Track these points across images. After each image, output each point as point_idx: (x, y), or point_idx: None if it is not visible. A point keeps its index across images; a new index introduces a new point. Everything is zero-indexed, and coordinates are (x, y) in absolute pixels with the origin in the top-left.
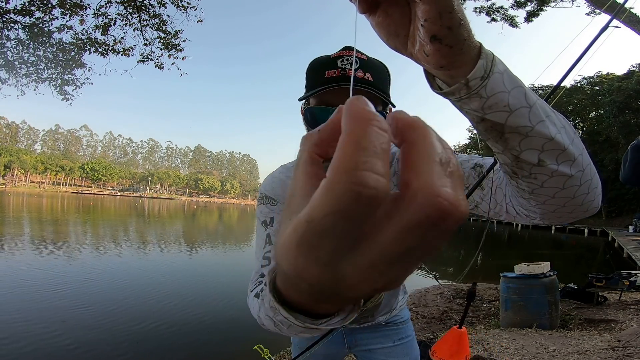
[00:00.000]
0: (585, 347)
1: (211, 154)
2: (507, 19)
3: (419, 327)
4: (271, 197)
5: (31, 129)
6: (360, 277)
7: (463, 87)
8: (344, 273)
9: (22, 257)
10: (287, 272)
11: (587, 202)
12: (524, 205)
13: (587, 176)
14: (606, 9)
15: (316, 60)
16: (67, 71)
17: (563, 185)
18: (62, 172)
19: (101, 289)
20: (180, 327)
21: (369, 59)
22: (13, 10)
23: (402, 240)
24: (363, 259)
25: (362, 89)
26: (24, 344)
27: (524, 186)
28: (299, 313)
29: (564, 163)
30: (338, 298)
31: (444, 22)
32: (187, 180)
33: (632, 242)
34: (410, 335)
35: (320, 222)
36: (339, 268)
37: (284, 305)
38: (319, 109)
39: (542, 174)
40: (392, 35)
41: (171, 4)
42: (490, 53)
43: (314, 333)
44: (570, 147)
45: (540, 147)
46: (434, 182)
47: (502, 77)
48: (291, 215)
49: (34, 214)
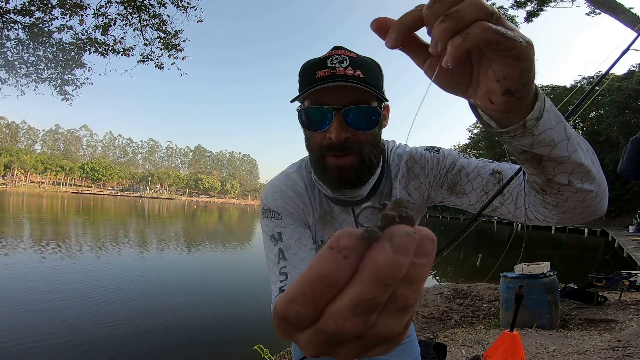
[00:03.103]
0: (585, 347)
1: (211, 154)
2: (507, 19)
3: (419, 326)
4: (274, 210)
5: (31, 129)
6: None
7: (519, 127)
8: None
9: (21, 258)
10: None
11: (599, 208)
12: (544, 213)
13: (602, 188)
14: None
15: (307, 63)
16: (67, 71)
17: (584, 198)
18: (62, 172)
19: (101, 289)
20: (181, 327)
21: (358, 56)
22: (13, 10)
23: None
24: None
25: (354, 85)
26: (24, 344)
27: (549, 200)
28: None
29: (587, 182)
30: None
31: (522, 79)
32: (187, 180)
33: (632, 242)
34: (411, 334)
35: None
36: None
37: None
38: (312, 109)
39: (569, 191)
40: (453, 84)
41: (171, 4)
42: (542, 93)
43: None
44: (593, 168)
45: (571, 170)
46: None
47: (549, 114)
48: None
49: (34, 214)
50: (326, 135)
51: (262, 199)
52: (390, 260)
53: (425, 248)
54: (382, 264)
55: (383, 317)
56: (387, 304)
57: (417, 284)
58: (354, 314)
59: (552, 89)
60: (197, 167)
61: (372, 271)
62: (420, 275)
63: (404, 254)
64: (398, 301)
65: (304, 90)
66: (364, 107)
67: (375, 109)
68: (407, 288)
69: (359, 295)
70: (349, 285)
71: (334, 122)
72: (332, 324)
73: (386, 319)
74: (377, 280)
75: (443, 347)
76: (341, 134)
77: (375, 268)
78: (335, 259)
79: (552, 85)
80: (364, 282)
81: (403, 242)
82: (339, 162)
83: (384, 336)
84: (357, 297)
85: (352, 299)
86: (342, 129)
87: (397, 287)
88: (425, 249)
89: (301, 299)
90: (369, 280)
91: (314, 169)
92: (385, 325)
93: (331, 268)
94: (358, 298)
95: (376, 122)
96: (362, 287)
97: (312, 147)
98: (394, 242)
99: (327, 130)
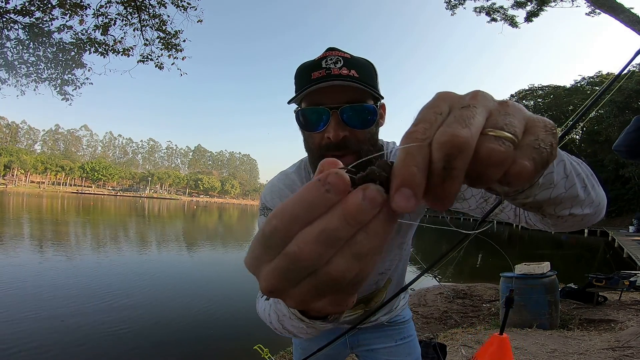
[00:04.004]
0: (585, 347)
1: (211, 154)
2: (507, 19)
3: (419, 326)
4: (270, 208)
5: (31, 129)
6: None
7: (527, 188)
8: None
9: (22, 257)
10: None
11: (598, 219)
12: (543, 225)
13: (602, 205)
14: (607, 9)
15: (302, 65)
16: (67, 71)
17: (582, 219)
18: (62, 172)
19: (101, 289)
20: (181, 327)
21: (352, 57)
22: (13, 10)
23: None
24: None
25: (349, 84)
26: (23, 343)
27: (548, 222)
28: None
29: (587, 207)
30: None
31: (525, 194)
32: (187, 180)
33: (632, 242)
34: (412, 334)
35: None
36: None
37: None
38: (309, 109)
39: (568, 218)
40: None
41: (171, 4)
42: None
43: (320, 328)
44: (592, 194)
45: (571, 205)
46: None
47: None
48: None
49: (34, 214)
50: (324, 136)
51: (261, 198)
52: (358, 204)
53: (388, 211)
54: (350, 205)
55: (338, 256)
56: (345, 246)
57: (375, 239)
58: (316, 240)
59: (552, 89)
60: (197, 167)
61: (341, 208)
62: (379, 230)
63: (370, 205)
64: (355, 246)
65: (299, 91)
66: (360, 106)
67: (372, 107)
68: (365, 237)
69: (324, 225)
70: (321, 218)
71: (331, 122)
72: (295, 247)
73: (340, 259)
74: (342, 216)
75: (443, 347)
76: (339, 133)
77: (345, 206)
78: (318, 190)
79: (552, 85)
80: (333, 215)
81: (373, 195)
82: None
83: (334, 278)
84: (322, 225)
85: (318, 226)
86: (340, 128)
87: (358, 233)
88: (388, 211)
89: (280, 215)
90: (336, 215)
91: (313, 169)
92: (337, 265)
93: (313, 196)
94: (323, 226)
95: (373, 120)
96: (329, 219)
97: (311, 148)
98: (366, 192)
99: (325, 130)
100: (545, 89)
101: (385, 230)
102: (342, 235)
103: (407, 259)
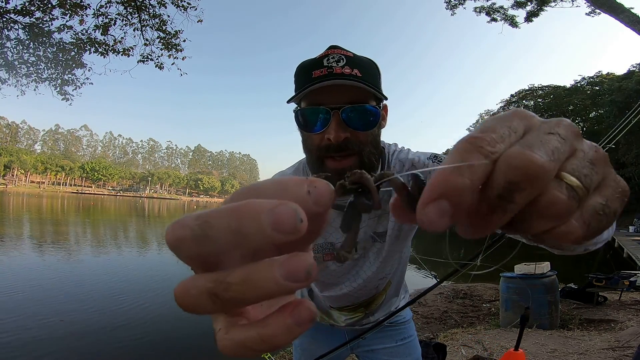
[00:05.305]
0: (585, 347)
1: (211, 154)
2: (507, 19)
3: (419, 327)
4: None
5: (31, 129)
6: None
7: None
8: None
9: (21, 257)
10: None
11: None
12: (546, 246)
13: (614, 227)
14: (607, 9)
15: (303, 63)
16: (67, 71)
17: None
18: (62, 172)
19: (101, 289)
20: (181, 326)
21: (355, 55)
22: (13, 10)
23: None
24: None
25: (351, 84)
26: (23, 342)
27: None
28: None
29: (602, 242)
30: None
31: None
32: (187, 180)
33: (632, 242)
34: (412, 335)
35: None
36: None
37: None
38: (309, 109)
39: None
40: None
41: (171, 4)
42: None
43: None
44: (611, 231)
45: (594, 242)
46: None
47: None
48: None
49: (34, 214)
50: (324, 137)
51: None
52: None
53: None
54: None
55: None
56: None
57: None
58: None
59: (552, 89)
60: (197, 167)
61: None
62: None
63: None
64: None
65: (299, 90)
66: (362, 107)
67: (374, 108)
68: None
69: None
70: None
71: (332, 122)
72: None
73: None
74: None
75: (443, 347)
76: (340, 134)
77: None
78: (302, 190)
79: (552, 85)
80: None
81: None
82: (338, 165)
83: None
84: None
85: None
86: (341, 129)
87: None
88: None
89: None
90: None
91: (312, 171)
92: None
93: (294, 190)
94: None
95: (375, 121)
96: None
97: (310, 149)
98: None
99: (325, 131)
100: (545, 89)
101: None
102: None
103: (406, 261)
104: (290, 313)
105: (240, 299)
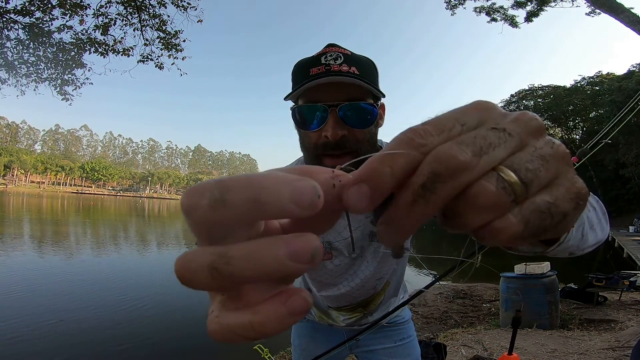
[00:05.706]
0: (585, 347)
1: (211, 154)
2: (507, 19)
3: (419, 327)
4: None
5: (31, 129)
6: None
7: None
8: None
9: (21, 257)
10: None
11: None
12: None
13: (605, 232)
14: (607, 9)
15: (300, 61)
16: (67, 71)
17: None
18: (62, 172)
19: (101, 288)
20: (181, 326)
21: (353, 54)
22: (13, 10)
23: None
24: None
25: (349, 81)
26: (23, 342)
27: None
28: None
29: (590, 247)
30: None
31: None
32: (187, 180)
33: (632, 242)
34: (411, 335)
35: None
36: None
37: None
38: (306, 107)
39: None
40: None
41: (171, 4)
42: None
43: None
44: (600, 235)
45: (576, 247)
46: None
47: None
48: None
49: (34, 214)
50: (322, 134)
51: None
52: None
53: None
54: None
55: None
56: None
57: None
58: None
59: (552, 89)
60: (197, 167)
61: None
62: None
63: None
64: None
65: (297, 87)
66: (360, 104)
67: (372, 106)
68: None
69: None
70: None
71: (330, 120)
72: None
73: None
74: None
75: (443, 347)
76: (337, 132)
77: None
78: (328, 182)
79: (552, 85)
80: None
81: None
82: (335, 163)
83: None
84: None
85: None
86: (338, 127)
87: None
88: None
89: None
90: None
91: None
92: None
93: (321, 178)
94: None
95: (373, 119)
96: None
97: (307, 147)
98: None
99: (323, 128)
100: (545, 89)
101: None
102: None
103: (405, 261)
104: (284, 301)
105: (239, 275)
